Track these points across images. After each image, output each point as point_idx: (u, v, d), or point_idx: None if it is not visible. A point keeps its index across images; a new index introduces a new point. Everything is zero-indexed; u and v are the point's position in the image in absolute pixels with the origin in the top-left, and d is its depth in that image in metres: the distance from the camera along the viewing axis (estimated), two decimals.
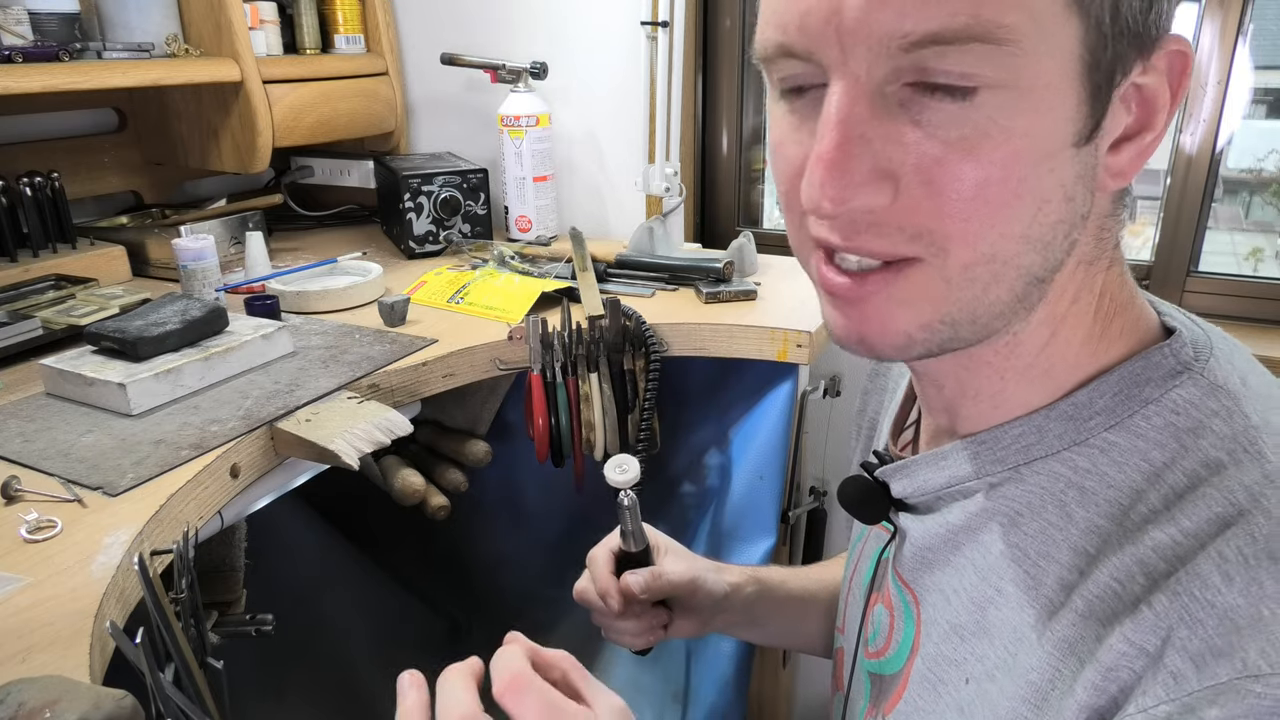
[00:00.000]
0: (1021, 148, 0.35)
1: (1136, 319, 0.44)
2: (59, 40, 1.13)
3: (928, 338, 0.40)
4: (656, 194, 1.35)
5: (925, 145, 0.35)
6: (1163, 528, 0.38)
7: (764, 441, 1.04)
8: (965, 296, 0.38)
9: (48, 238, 1.19)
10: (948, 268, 0.37)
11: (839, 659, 0.64)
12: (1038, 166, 0.36)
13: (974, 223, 0.36)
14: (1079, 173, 0.37)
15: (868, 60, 0.35)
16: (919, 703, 0.48)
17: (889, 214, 0.37)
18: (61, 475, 0.72)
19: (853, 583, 0.61)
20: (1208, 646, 0.34)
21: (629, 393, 1.04)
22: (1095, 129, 0.37)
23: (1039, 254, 0.38)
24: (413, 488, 0.98)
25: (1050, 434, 0.43)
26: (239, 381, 0.89)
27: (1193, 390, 0.41)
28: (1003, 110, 0.35)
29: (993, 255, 0.37)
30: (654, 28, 1.27)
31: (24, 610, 0.57)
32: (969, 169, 0.35)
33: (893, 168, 0.36)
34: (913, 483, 0.49)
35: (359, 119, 1.42)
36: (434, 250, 1.33)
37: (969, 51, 0.33)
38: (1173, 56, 0.37)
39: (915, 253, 0.38)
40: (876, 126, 0.36)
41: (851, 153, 0.36)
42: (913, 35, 0.33)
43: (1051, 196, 0.37)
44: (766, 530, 1.03)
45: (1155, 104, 0.38)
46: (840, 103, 0.36)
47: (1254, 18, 1.07)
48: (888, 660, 0.53)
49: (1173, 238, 1.18)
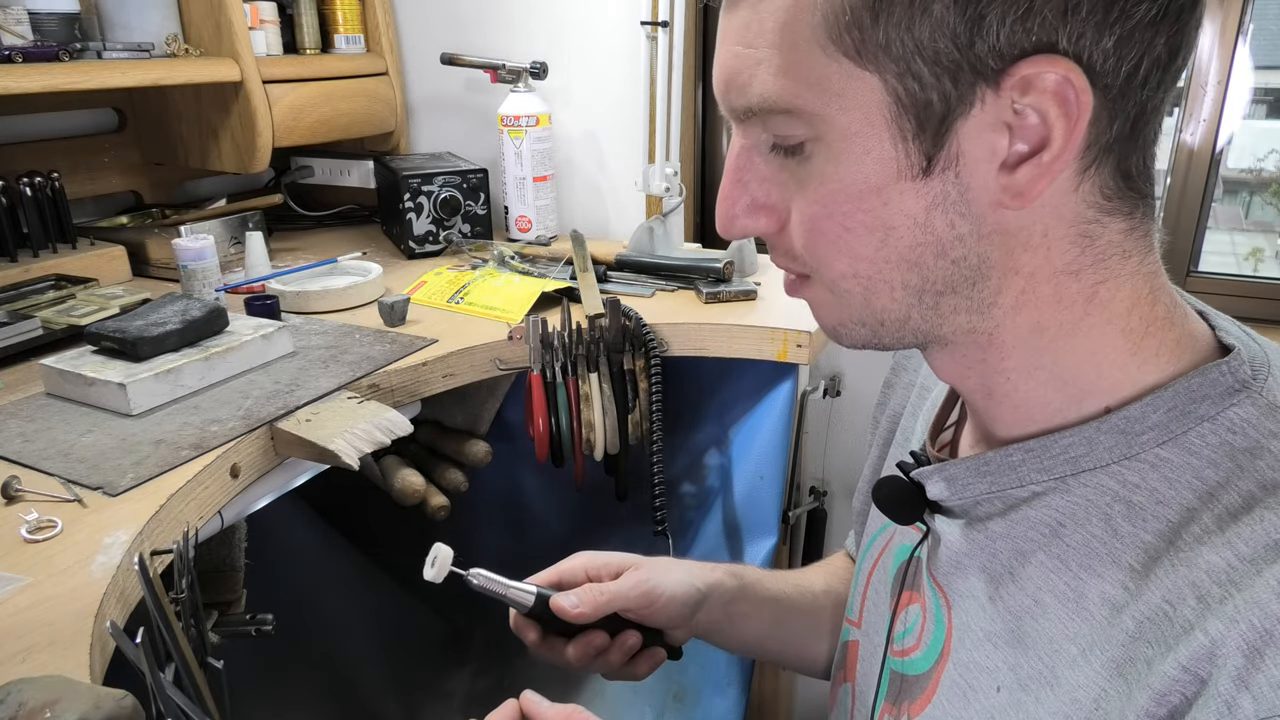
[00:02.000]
0: (838, 189, 0.42)
1: (1178, 339, 0.44)
2: (59, 40, 1.13)
3: (851, 333, 0.47)
4: (656, 194, 1.35)
5: (786, 186, 0.44)
6: (1218, 550, 0.38)
7: (764, 441, 1.04)
8: (853, 305, 0.45)
9: (48, 238, 1.19)
10: (825, 283, 0.46)
11: (851, 651, 0.63)
12: (863, 202, 0.41)
13: (818, 250, 0.44)
14: (931, 201, 0.41)
15: (738, 125, 0.45)
16: (948, 708, 0.48)
17: (778, 240, 0.46)
18: (61, 475, 0.72)
19: (873, 577, 0.61)
20: (1265, 677, 0.34)
21: (629, 393, 1.04)
22: (931, 161, 0.40)
23: (909, 272, 0.43)
24: (413, 488, 0.98)
25: (1100, 446, 0.43)
26: (239, 381, 0.89)
27: (1250, 410, 0.40)
28: (821, 160, 0.42)
29: (853, 273, 0.44)
30: (654, 28, 1.27)
31: (24, 610, 0.57)
32: (804, 207, 0.43)
33: (772, 203, 0.46)
34: (951, 486, 0.49)
35: (359, 119, 1.42)
36: (434, 250, 1.33)
37: (778, 120, 0.42)
38: (1056, 78, 0.37)
39: (804, 270, 0.47)
40: (753, 172, 0.45)
41: (731, 193, 0.46)
42: (738, 110, 0.43)
43: (896, 225, 0.41)
44: (767, 530, 1.03)
45: (1046, 122, 0.38)
46: (732, 150, 0.46)
47: (1254, 18, 1.07)
48: (914, 660, 0.53)
49: (1173, 238, 1.18)
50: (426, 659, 1.26)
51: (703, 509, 1.13)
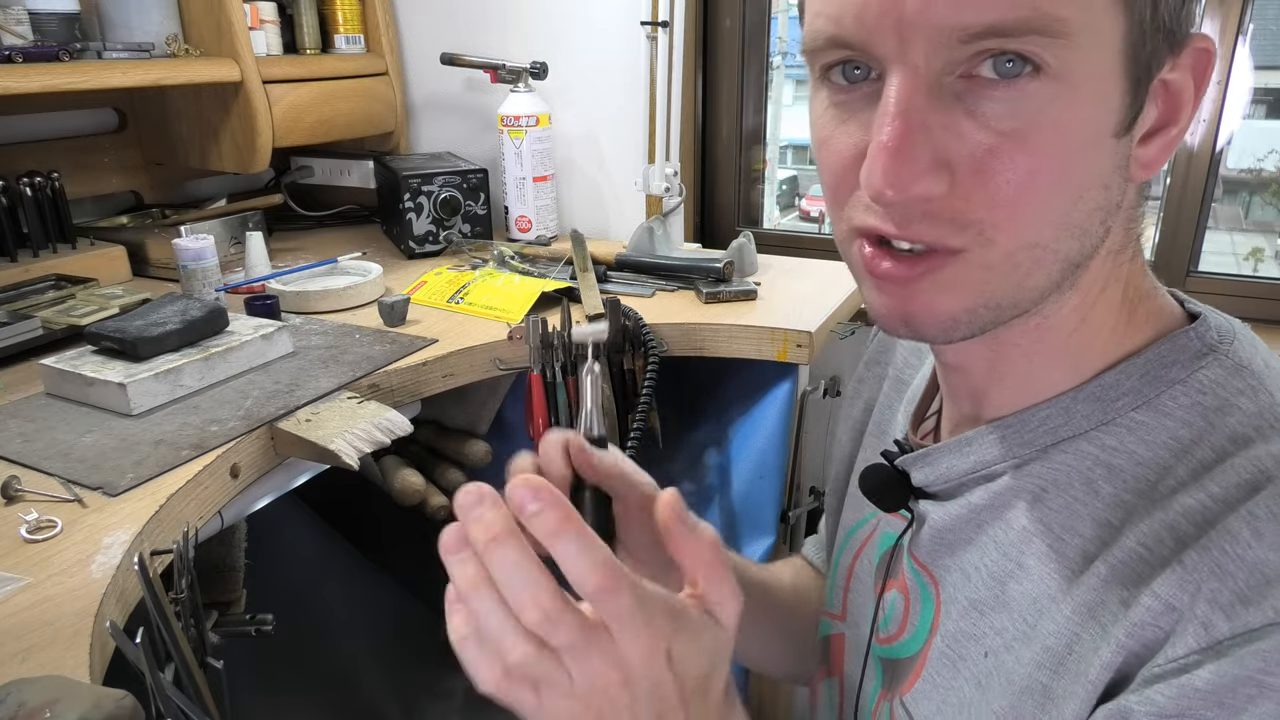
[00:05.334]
0: (1069, 137, 0.36)
1: (1160, 307, 0.45)
2: (59, 40, 1.13)
3: (971, 320, 0.41)
4: (656, 194, 1.35)
5: (980, 135, 0.36)
6: (1192, 494, 0.39)
7: (764, 441, 1.04)
8: (1008, 283, 0.39)
9: (48, 238, 1.19)
10: (991, 256, 0.38)
11: (835, 644, 0.63)
12: (1081, 155, 0.37)
13: (1022, 210, 0.37)
14: (1116, 163, 0.39)
15: (926, 51, 0.36)
16: (937, 680, 0.48)
17: (942, 204, 0.38)
18: (61, 475, 0.72)
19: (855, 570, 0.61)
20: (1238, 597, 0.35)
21: (629, 393, 1.04)
22: (1133, 121, 0.38)
23: (1076, 240, 0.39)
24: (413, 488, 0.98)
25: (1078, 415, 0.44)
26: (239, 381, 0.89)
27: (1218, 370, 0.42)
28: (1054, 101, 0.35)
29: (1035, 242, 0.38)
30: (654, 28, 1.27)
31: (24, 610, 0.57)
32: (1021, 158, 0.36)
33: (949, 157, 0.37)
34: (935, 470, 0.49)
35: (359, 119, 1.42)
36: (434, 250, 1.33)
37: (1026, 43, 0.34)
38: (1198, 54, 0.38)
39: (962, 244, 0.38)
40: (935, 116, 0.36)
41: (913, 141, 0.36)
42: (973, 27, 0.34)
43: (1091, 185, 0.38)
44: (766, 529, 1.03)
45: (1180, 99, 0.39)
46: (900, 93, 0.36)
47: (1254, 18, 1.07)
48: (902, 644, 0.53)
49: (1173, 237, 1.18)
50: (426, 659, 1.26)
51: (702, 508, 1.13)
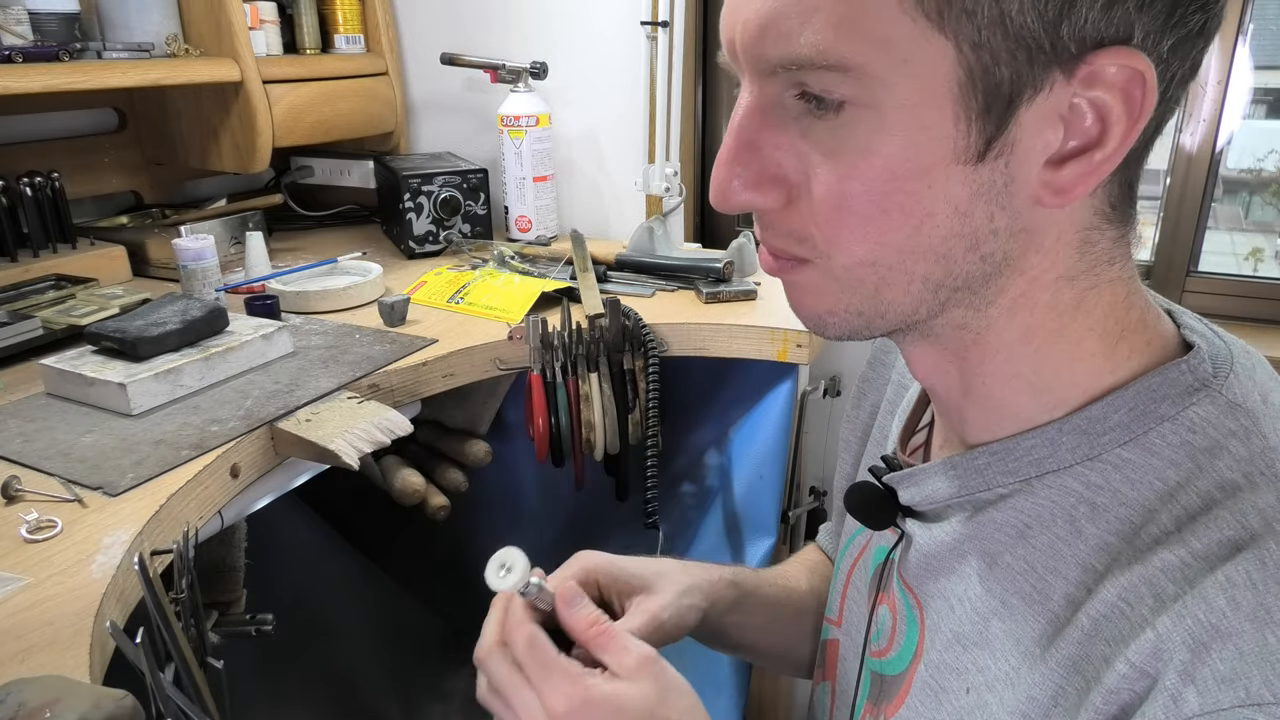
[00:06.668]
0: (883, 165, 0.37)
1: (1149, 340, 0.43)
2: (59, 40, 1.13)
3: (839, 322, 0.43)
4: (656, 194, 1.35)
5: (811, 155, 0.39)
6: (1173, 549, 0.38)
7: (764, 441, 1.04)
8: (858, 295, 0.41)
9: (48, 238, 1.19)
10: (833, 268, 0.41)
11: (830, 650, 0.64)
12: (908, 183, 0.37)
13: (843, 232, 0.39)
14: (977, 190, 0.38)
15: (757, 78, 0.39)
16: (921, 709, 0.48)
17: (780, 217, 0.41)
18: (62, 475, 0.72)
19: (852, 578, 0.61)
20: (1211, 672, 0.34)
21: (629, 393, 1.04)
22: (988, 147, 0.37)
23: (935, 264, 0.39)
24: (413, 488, 0.98)
25: (1063, 447, 0.42)
26: (239, 381, 0.89)
27: (1210, 409, 0.40)
28: (866, 128, 0.37)
29: (873, 261, 0.40)
30: (654, 28, 1.27)
31: (24, 610, 0.57)
32: (835, 181, 0.38)
33: (784, 174, 0.40)
34: (921, 491, 0.49)
35: (359, 119, 1.42)
36: (434, 250, 1.33)
37: (821, 78, 0.36)
38: (1129, 74, 0.35)
39: (804, 254, 0.42)
40: (768, 135, 0.39)
41: (740, 157, 0.40)
42: (773, 60, 0.37)
43: (936, 211, 0.38)
44: (766, 530, 1.03)
45: (1106, 121, 0.36)
46: (738, 111, 0.40)
47: (1254, 18, 1.07)
48: (889, 661, 0.53)
49: (1173, 238, 1.18)
50: (426, 659, 1.26)
51: (702, 509, 1.13)
